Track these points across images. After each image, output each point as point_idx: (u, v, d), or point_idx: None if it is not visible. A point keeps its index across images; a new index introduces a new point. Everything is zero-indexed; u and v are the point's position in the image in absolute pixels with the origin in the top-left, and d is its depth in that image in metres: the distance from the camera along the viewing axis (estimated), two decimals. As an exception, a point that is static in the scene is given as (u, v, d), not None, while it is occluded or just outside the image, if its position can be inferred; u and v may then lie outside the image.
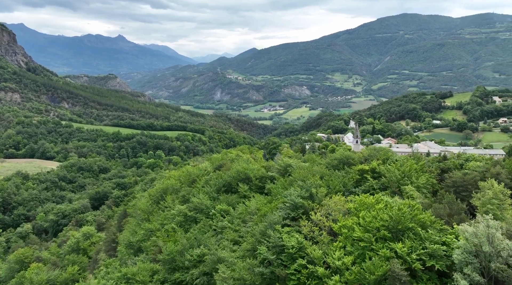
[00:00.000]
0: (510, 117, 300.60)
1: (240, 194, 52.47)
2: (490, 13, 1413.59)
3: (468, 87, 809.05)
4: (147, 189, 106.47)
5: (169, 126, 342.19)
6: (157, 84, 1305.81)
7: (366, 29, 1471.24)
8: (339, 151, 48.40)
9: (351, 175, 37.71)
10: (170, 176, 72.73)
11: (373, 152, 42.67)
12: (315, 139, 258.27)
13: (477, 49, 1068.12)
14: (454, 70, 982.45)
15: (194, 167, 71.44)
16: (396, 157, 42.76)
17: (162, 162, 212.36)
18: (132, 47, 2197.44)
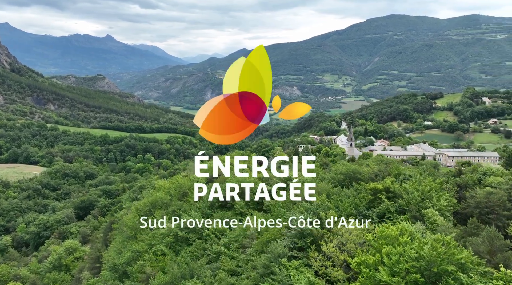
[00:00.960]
0: (500, 118, 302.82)
1: (236, 211, 48.09)
2: (476, 15, 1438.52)
3: (456, 88, 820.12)
4: (136, 197, 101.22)
5: (158, 128, 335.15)
6: (146, 85, 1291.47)
7: (355, 29, 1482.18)
8: (344, 164, 44.54)
9: (362, 194, 33.80)
10: (159, 187, 67.81)
11: (383, 166, 38.90)
12: (307, 141, 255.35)
13: (464, 50, 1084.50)
14: (442, 70, 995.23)
15: (185, 177, 66.64)
16: (407, 170, 38.98)
17: (151, 167, 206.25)
18: (121, 47, 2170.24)
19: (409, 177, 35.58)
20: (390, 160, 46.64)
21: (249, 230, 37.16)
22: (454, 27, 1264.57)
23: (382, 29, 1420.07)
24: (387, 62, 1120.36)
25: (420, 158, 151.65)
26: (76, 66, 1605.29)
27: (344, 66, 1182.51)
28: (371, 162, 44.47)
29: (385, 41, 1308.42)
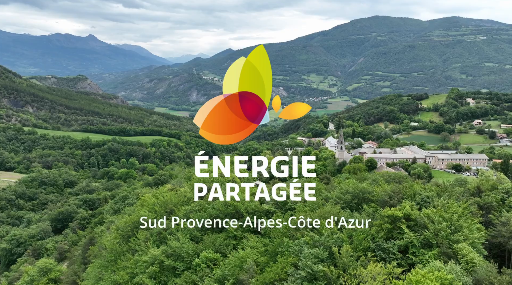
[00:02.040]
0: (483, 119, 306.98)
1: (229, 234, 43.06)
2: (456, 17, 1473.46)
3: (438, 88, 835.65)
4: (118, 209, 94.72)
5: (143, 131, 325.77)
6: (130, 85, 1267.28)
7: (340, 30, 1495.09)
8: (351, 182, 40.14)
9: (378, 221, 29.38)
10: (143, 202, 61.89)
11: (396, 186, 34.58)
12: (296, 143, 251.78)
13: (445, 51, 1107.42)
14: (424, 71, 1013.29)
15: (172, 191, 60.98)
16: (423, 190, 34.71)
17: (135, 172, 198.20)
18: (103, 47, 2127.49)
19: (427, 198, 31.51)
20: (400, 176, 42.59)
21: (247, 263, 32.16)
22: (435, 29, 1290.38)
23: (366, 30, 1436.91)
24: (371, 62, 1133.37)
25: (411, 162, 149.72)
26: (57, 66, 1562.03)
27: (329, 66, 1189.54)
28: (381, 180, 40.20)
29: (369, 42, 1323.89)
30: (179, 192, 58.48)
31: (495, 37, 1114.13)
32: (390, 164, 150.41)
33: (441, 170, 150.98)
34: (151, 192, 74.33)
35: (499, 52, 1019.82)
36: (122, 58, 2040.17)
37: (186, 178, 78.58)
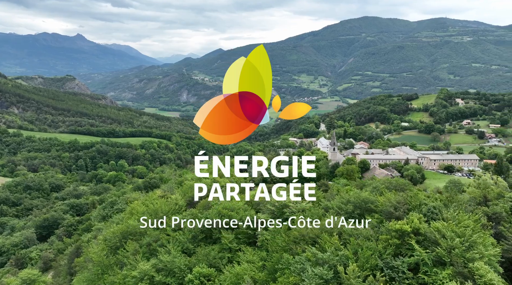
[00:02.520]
0: (472, 119, 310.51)
1: (224, 246, 40.71)
2: (443, 18, 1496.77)
3: (427, 88, 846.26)
4: (106, 215, 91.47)
5: (132, 133, 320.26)
6: (119, 86, 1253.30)
7: (330, 31, 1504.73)
8: (352, 191, 38.23)
9: (385, 235, 27.46)
10: (132, 210, 59.10)
11: (400, 195, 32.73)
12: (287, 144, 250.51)
13: (433, 51, 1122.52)
14: (413, 71, 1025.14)
15: (162, 198, 58.30)
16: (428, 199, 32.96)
17: (124, 175, 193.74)
18: (92, 46, 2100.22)
19: (434, 209, 29.80)
20: (402, 183, 40.89)
21: (244, 281, 29.94)
22: (423, 30, 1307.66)
23: (355, 30, 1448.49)
24: (361, 63, 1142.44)
25: (403, 163, 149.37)
26: (44, 66, 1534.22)
27: (320, 66, 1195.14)
28: (383, 188, 38.37)
29: (359, 42, 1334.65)
30: (170, 199, 55.86)
31: (481, 38, 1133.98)
32: (382, 166, 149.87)
33: (433, 171, 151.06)
34: (141, 199, 71.59)
35: (485, 53, 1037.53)
36: (111, 58, 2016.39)
37: (177, 183, 75.91)
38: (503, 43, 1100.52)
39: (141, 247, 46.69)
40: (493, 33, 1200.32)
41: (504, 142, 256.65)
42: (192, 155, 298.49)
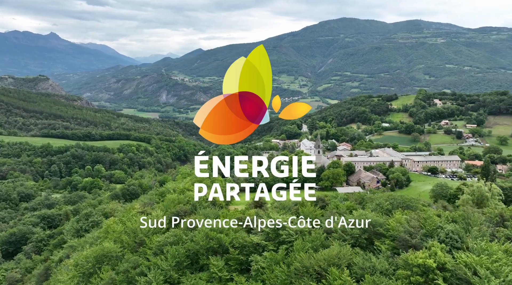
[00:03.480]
0: (450, 119, 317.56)
1: (213, 274, 36.21)
2: (418, 20, 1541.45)
3: (404, 88, 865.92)
4: (81, 228, 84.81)
5: (110, 135, 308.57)
6: (96, 86, 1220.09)
7: (309, 32, 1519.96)
8: (355, 210, 34.57)
9: (402, 271, 23.84)
10: (108, 228, 53.52)
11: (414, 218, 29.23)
12: (270, 146, 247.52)
13: (410, 52, 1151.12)
14: (390, 72, 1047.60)
15: (142, 214, 53.00)
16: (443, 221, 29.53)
17: (101, 181, 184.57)
18: (66, 45, 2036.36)
19: (453, 234, 26.61)
20: (408, 200, 37.63)
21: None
22: (400, 31, 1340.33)
23: (334, 31, 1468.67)
24: (340, 63, 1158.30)
25: (388, 165, 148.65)
26: (16, 66, 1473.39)
27: (300, 67, 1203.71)
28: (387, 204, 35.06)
29: (338, 43, 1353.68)
30: (151, 217, 50.64)
31: (454, 40, 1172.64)
32: (367, 168, 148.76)
33: (416, 173, 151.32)
34: (118, 214, 65.90)
35: (458, 54, 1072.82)
36: (86, 57, 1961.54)
37: (158, 194, 70.53)
38: (474, 45, 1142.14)
39: (118, 275, 41.51)
40: (464, 35, 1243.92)
41: (480, 142, 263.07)
42: (172, 158, 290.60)
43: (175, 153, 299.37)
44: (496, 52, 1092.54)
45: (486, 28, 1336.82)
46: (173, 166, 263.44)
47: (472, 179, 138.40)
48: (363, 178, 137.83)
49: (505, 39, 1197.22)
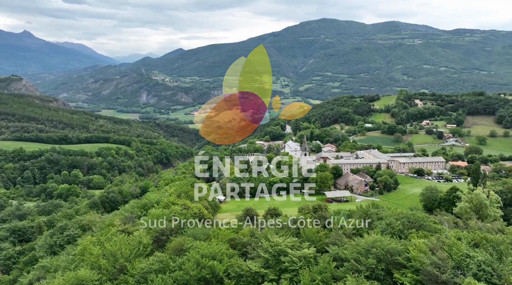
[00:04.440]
0: (431, 119, 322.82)
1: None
2: (396, 22, 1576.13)
3: (383, 88, 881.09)
4: (55, 243, 78.09)
5: (88, 138, 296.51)
6: (73, 86, 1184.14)
7: (290, 32, 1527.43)
8: (369, 235, 30.70)
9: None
10: (85, 251, 47.91)
11: (435, 246, 25.74)
12: (255, 148, 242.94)
13: (388, 53, 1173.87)
14: (370, 72, 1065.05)
15: (122, 234, 47.72)
16: (470, 249, 26.06)
17: (79, 188, 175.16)
18: (41, 44, 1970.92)
19: (484, 265, 23.34)
20: (420, 219, 34.36)
21: None
22: (378, 32, 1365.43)
23: (315, 32, 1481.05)
24: (321, 64, 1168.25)
25: (375, 167, 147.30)
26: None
27: (281, 67, 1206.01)
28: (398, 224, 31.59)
29: (318, 43, 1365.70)
30: (132, 237, 45.53)
31: (430, 41, 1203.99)
32: (354, 170, 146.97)
33: (403, 175, 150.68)
34: (96, 231, 60.08)
35: (434, 55, 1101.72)
36: (63, 56, 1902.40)
37: (140, 207, 64.98)
38: (449, 46, 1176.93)
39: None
40: (440, 37, 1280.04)
41: (461, 142, 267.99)
42: (154, 162, 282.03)
43: (157, 156, 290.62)
44: (470, 54, 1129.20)
45: (460, 30, 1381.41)
46: (154, 170, 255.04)
47: (459, 180, 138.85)
48: (351, 181, 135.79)
49: (478, 41, 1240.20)
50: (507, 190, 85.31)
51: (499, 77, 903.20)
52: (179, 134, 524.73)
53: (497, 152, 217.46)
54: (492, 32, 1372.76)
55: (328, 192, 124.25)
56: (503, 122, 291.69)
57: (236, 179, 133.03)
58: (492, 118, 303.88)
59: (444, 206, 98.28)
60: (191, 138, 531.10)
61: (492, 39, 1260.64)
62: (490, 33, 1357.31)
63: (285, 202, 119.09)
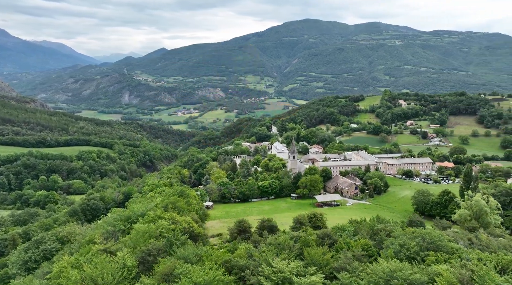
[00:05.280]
0: (415, 119, 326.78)
1: None
2: (377, 22, 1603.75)
3: (366, 88, 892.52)
4: (30, 258, 72.23)
5: (67, 141, 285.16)
6: (52, 87, 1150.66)
7: (274, 32, 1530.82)
8: (385, 261, 27.52)
9: None
10: (61, 274, 43.04)
11: (469, 277, 22.62)
12: (241, 150, 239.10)
13: (370, 53, 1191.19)
14: (353, 72, 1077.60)
15: (104, 255, 43.10)
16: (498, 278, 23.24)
17: (57, 195, 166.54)
18: (18, 43, 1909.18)
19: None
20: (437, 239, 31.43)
21: None
22: (361, 33, 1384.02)
23: (298, 32, 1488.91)
24: (305, 64, 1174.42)
25: (364, 169, 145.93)
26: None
27: (266, 67, 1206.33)
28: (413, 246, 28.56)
29: (302, 44, 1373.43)
30: (115, 259, 41.04)
31: (410, 42, 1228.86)
32: (343, 173, 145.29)
33: (391, 176, 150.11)
34: (75, 250, 55.08)
35: (415, 56, 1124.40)
36: (41, 56, 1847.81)
37: (124, 220, 60.09)
38: (428, 47, 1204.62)
39: None
40: (420, 38, 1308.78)
41: (444, 142, 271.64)
42: (137, 165, 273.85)
43: (140, 159, 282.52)
44: (448, 54, 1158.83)
45: (439, 31, 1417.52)
46: (138, 173, 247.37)
47: (447, 182, 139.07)
48: (340, 184, 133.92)
49: (456, 42, 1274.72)
50: (500, 193, 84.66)
51: (477, 77, 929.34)
52: (163, 135, 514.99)
53: (480, 152, 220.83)
54: (469, 33, 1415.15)
55: (318, 196, 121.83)
56: (484, 122, 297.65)
57: (223, 183, 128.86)
58: (473, 118, 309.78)
59: (437, 210, 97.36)
60: (175, 139, 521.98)
61: (469, 41, 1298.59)
62: (467, 34, 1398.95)
63: (275, 207, 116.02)
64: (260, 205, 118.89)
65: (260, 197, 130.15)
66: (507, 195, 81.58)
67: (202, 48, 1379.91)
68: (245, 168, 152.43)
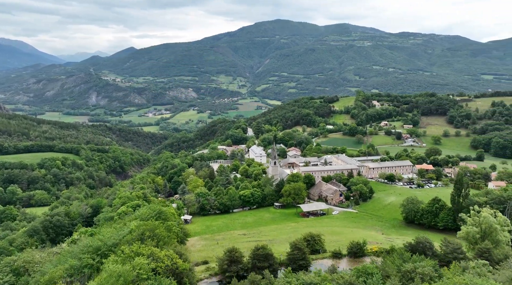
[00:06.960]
0: (389, 120, 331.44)
1: None
2: (346, 24, 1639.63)
3: (337, 88, 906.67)
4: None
5: (28, 147, 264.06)
6: (11, 87, 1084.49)
7: (245, 32, 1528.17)
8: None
9: None
10: None
11: None
12: (217, 154, 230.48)
13: (341, 54, 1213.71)
14: (324, 73, 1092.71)
15: None
16: None
17: (15, 210, 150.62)
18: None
19: None
20: None
21: None
22: (331, 34, 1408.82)
23: (270, 32, 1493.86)
24: (277, 64, 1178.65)
25: (347, 174, 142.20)
26: None
27: (238, 67, 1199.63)
28: None
29: (274, 44, 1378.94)
30: None
31: (378, 43, 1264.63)
32: (326, 179, 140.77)
33: (373, 180, 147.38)
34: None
35: (383, 57, 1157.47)
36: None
37: (92, 252, 50.84)
38: (395, 49, 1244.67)
39: None
40: (387, 39, 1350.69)
41: (418, 142, 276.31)
42: (107, 171, 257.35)
43: (110, 165, 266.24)
44: (414, 55, 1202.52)
45: (404, 33, 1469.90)
46: (107, 181, 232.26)
47: (429, 186, 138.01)
48: (324, 191, 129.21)
49: (420, 43, 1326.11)
50: (492, 201, 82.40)
51: (440, 77, 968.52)
52: (133, 138, 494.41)
53: (453, 152, 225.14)
54: (432, 35, 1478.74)
55: (303, 205, 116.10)
56: (454, 122, 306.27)
57: (202, 194, 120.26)
58: (444, 118, 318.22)
59: (427, 219, 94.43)
60: (146, 142, 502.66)
61: (432, 43, 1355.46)
62: (431, 36, 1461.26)
63: (258, 218, 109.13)
64: (243, 217, 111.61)
65: (241, 206, 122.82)
66: (500, 203, 79.38)
67: (173, 48, 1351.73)
68: (224, 175, 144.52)
